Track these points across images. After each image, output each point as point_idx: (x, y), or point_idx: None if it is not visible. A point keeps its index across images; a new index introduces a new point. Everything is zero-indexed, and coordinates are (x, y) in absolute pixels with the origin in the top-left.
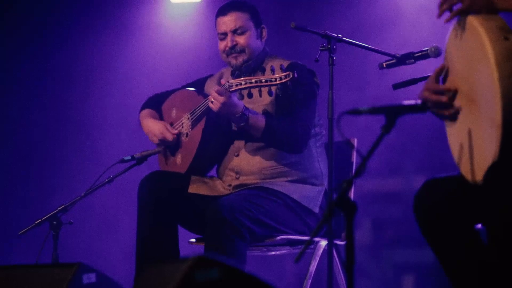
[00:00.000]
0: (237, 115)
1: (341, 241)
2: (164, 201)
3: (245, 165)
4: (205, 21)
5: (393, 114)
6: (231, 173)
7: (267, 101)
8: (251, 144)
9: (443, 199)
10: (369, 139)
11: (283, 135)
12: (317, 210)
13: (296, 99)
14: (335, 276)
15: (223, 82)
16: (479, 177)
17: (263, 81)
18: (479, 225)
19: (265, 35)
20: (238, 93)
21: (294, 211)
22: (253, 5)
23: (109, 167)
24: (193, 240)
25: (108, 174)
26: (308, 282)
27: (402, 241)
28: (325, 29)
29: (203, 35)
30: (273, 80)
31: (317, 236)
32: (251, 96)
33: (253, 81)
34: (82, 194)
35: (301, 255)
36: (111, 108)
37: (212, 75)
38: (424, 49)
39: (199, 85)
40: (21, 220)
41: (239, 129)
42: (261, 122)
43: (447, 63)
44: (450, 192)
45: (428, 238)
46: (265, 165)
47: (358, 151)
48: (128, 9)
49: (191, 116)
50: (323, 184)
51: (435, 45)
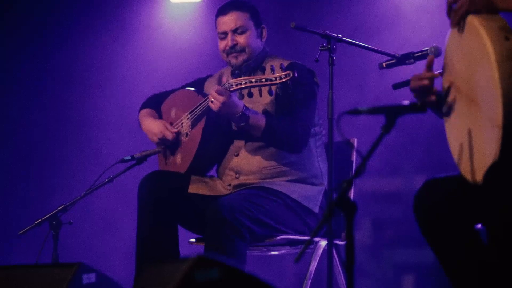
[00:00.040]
0: (237, 115)
1: (341, 241)
2: (164, 201)
3: (245, 164)
4: (205, 21)
5: (393, 114)
6: (231, 173)
7: (267, 100)
8: (251, 143)
9: (443, 199)
10: (369, 139)
11: (283, 135)
12: (317, 210)
13: (296, 99)
14: (335, 276)
15: (224, 81)
16: (479, 177)
17: (263, 80)
18: (479, 225)
19: (265, 35)
20: (238, 93)
21: (294, 211)
22: (253, 5)
23: (109, 167)
24: (193, 240)
25: (108, 174)
26: (308, 282)
27: (402, 241)
28: (325, 29)
29: (203, 35)
30: (273, 79)
31: (317, 236)
32: (251, 95)
33: (253, 80)
34: (82, 194)
35: (301, 255)
36: (111, 108)
37: (211, 75)
38: (424, 49)
39: (198, 85)
40: (21, 220)
41: (239, 129)
42: (261, 121)
43: (447, 63)
44: (450, 192)
45: (428, 238)
46: (265, 164)
47: (358, 151)
48: (128, 9)
49: (191, 116)
50: (323, 183)
51: (435, 45)
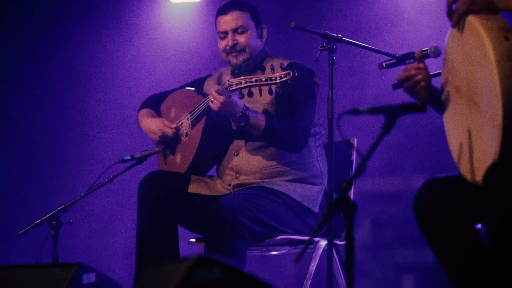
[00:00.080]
0: (238, 115)
1: (341, 241)
2: (164, 201)
3: (244, 164)
4: (205, 21)
5: (393, 114)
6: (230, 173)
7: (267, 100)
8: (251, 143)
9: (443, 199)
10: (369, 139)
11: (283, 135)
12: (316, 209)
13: (296, 98)
14: (335, 276)
15: (224, 80)
16: (479, 177)
17: (263, 80)
18: (479, 225)
19: (265, 35)
20: (238, 92)
21: (294, 210)
22: (253, 5)
23: (109, 167)
24: (193, 240)
25: (108, 174)
26: (308, 282)
27: (402, 241)
28: (325, 29)
29: (203, 35)
30: (274, 78)
31: (317, 236)
32: (251, 95)
33: (253, 80)
34: (82, 194)
35: (301, 255)
36: (111, 108)
37: (211, 75)
38: (424, 49)
39: (198, 84)
40: (21, 220)
41: (239, 129)
42: (261, 121)
43: (446, 63)
44: (450, 192)
45: (428, 238)
46: (264, 164)
47: (358, 151)
48: (128, 9)
49: (191, 115)
50: (322, 183)
51: (435, 45)
